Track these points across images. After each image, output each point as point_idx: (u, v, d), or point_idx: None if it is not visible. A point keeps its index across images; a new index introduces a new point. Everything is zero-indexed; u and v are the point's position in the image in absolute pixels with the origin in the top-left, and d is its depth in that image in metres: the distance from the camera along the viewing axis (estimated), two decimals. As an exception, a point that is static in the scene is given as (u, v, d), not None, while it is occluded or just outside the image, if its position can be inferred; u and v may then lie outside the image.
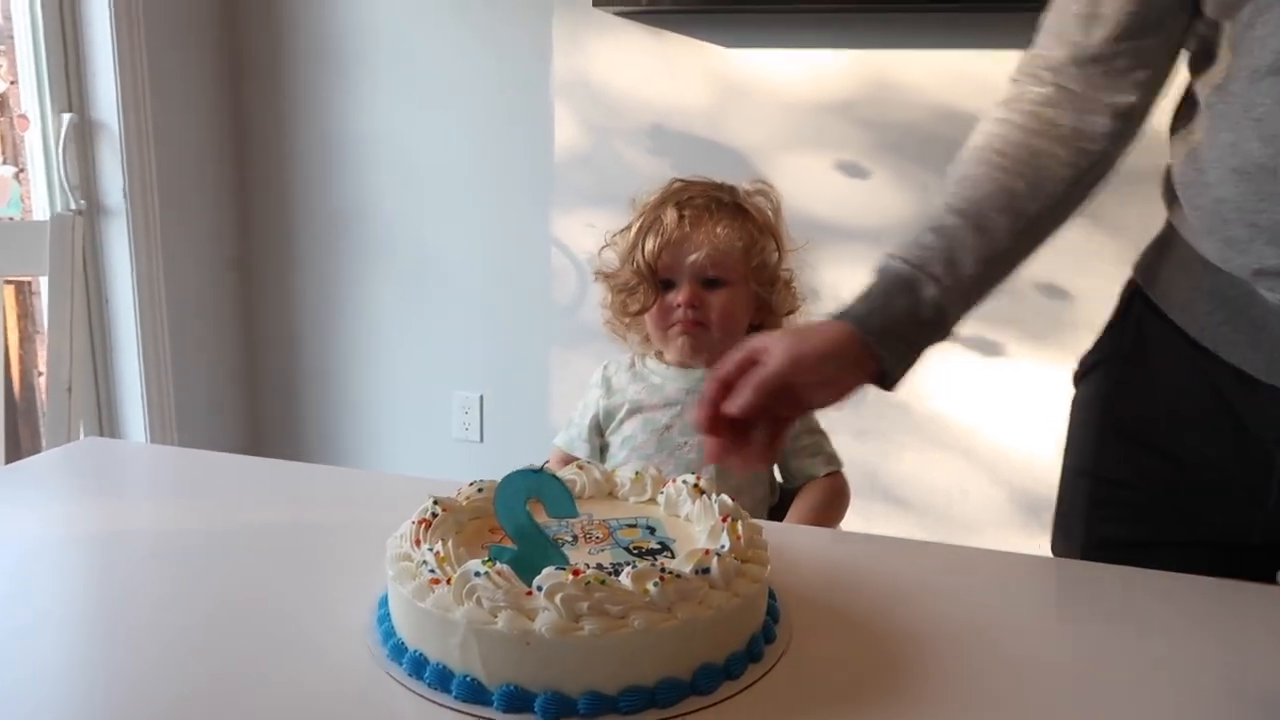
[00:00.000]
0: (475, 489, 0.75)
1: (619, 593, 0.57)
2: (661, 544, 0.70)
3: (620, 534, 0.71)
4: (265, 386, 2.64)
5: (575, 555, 0.66)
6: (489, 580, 0.57)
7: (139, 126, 2.21)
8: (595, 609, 0.56)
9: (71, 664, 0.64)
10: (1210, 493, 0.83)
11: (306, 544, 0.81)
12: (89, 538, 0.82)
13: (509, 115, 2.29)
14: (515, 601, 0.57)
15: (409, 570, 0.63)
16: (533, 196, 2.30)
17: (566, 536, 0.70)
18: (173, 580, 0.75)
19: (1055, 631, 0.70)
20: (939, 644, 0.66)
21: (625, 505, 0.77)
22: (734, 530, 0.66)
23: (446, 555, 0.62)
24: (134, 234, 2.24)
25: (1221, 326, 0.80)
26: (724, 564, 0.61)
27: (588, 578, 0.57)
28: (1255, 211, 0.73)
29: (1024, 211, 0.81)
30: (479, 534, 0.71)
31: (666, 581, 0.58)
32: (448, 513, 0.70)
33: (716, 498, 0.71)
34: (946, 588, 0.76)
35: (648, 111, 2.17)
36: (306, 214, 2.50)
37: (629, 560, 0.66)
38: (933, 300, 0.79)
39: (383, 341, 2.51)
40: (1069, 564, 0.84)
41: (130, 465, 1.10)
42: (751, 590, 0.62)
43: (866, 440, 2.08)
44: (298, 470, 1.06)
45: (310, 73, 2.41)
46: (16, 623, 0.67)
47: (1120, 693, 0.61)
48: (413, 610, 0.60)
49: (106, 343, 2.31)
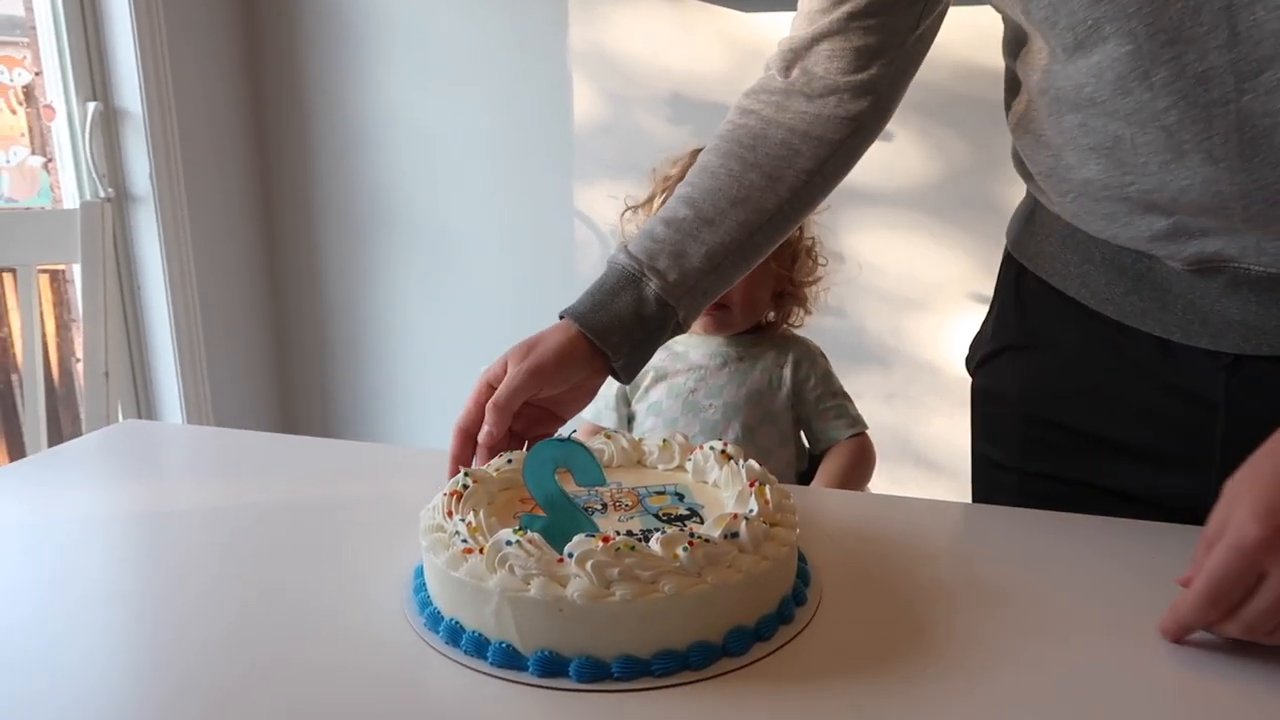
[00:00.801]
0: (505, 460, 0.75)
1: (649, 558, 0.58)
2: (690, 510, 0.70)
3: (649, 501, 0.72)
4: (296, 366, 2.67)
5: (605, 523, 0.67)
6: (521, 549, 0.58)
7: (163, 112, 2.23)
8: (626, 575, 0.57)
9: (122, 643, 0.66)
10: (1150, 472, 0.79)
11: (344, 519, 0.83)
12: (132, 517, 0.84)
13: (527, 87, 2.28)
14: (547, 569, 0.58)
15: (442, 541, 0.64)
16: (554, 169, 2.30)
17: (596, 505, 0.70)
18: (217, 557, 0.77)
19: (1091, 589, 0.70)
20: (967, 604, 0.66)
21: (653, 473, 0.77)
22: (761, 494, 0.66)
23: (479, 525, 0.63)
24: (162, 219, 2.26)
25: (1127, 296, 0.77)
26: (752, 528, 0.62)
27: (618, 544, 0.58)
28: (1124, 185, 0.71)
29: (759, 204, 0.80)
30: (510, 504, 0.71)
31: (696, 546, 0.58)
32: (478, 484, 0.70)
33: (744, 463, 0.71)
34: (973, 548, 0.76)
35: (666, 79, 2.16)
36: (330, 192, 2.51)
37: (658, 527, 0.66)
38: (655, 296, 0.78)
39: (410, 318, 2.53)
40: (1099, 522, 0.84)
41: (169, 446, 1.12)
42: (780, 553, 0.63)
43: (896, 404, 2.07)
44: (332, 447, 1.08)
45: (328, 51, 2.42)
46: (66, 602, 0.69)
47: (1160, 650, 0.61)
48: (447, 580, 0.61)
49: (140, 328, 2.35)
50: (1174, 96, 0.64)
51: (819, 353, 1.28)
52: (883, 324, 2.06)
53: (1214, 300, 0.72)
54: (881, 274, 2.00)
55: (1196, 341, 0.74)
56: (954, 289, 2.01)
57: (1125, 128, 0.68)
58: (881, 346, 2.07)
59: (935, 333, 2.03)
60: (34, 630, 0.64)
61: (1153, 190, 0.69)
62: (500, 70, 2.30)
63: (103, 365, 1.44)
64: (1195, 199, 0.67)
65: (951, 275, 1.99)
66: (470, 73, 2.32)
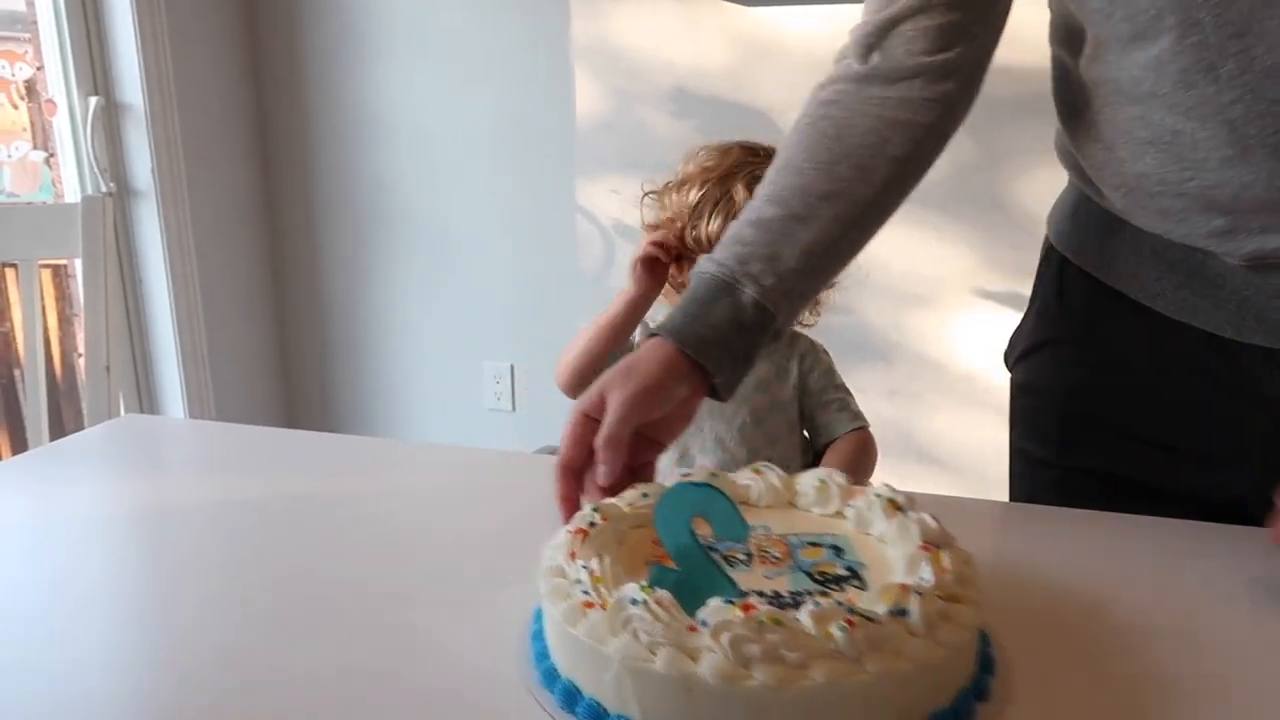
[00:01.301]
0: (640, 494, 0.67)
1: (797, 636, 0.49)
2: (850, 569, 0.60)
3: (801, 554, 0.62)
4: (298, 361, 2.67)
5: (748, 579, 0.58)
6: (647, 610, 0.50)
7: (164, 107, 2.23)
8: (769, 654, 0.48)
9: (126, 639, 0.65)
10: (1196, 470, 0.77)
11: (347, 514, 0.82)
12: (133, 512, 0.84)
13: (529, 82, 2.28)
14: (676, 638, 0.50)
15: (562, 589, 0.56)
16: (556, 163, 2.29)
17: (740, 554, 0.61)
18: (219, 554, 0.76)
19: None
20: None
21: (807, 517, 0.68)
22: (938, 561, 0.55)
23: (602, 575, 0.55)
24: (164, 214, 2.26)
25: (1179, 291, 0.75)
26: (926, 604, 0.51)
27: (761, 616, 0.49)
28: (1181, 181, 0.68)
29: (852, 197, 0.75)
30: (642, 547, 0.62)
31: (855, 626, 0.49)
32: (607, 522, 0.62)
33: (917, 516, 0.61)
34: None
35: (669, 74, 2.15)
36: (332, 187, 2.51)
37: (810, 588, 0.57)
38: (753, 303, 0.72)
39: (412, 314, 2.52)
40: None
41: (170, 441, 1.12)
42: (960, 639, 0.52)
43: (898, 400, 2.07)
44: (334, 442, 1.08)
45: (330, 46, 2.41)
46: (66, 599, 0.69)
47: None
48: (564, 635, 0.54)
49: (142, 322, 2.35)
50: (1240, 90, 0.62)
51: (822, 349, 1.28)
52: (886, 320, 2.06)
53: (1270, 297, 0.71)
54: (885, 270, 1.99)
55: (1250, 338, 0.72)
56: (958, 285, 2.00)
57: (1185, 122, 0.66)
58: (885, 342, 2.06)
59: (938, 329, 2.03)
60: (34, 627, 0.64)
61: (1213, 186, 0.67)
62: (502, 65, 2.29)
63: (104, 359, 1.44)
64: (1258, 195, 0.65)
65: (955, 271, 1.98)
66: (472, 67, 2.32)
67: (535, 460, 1.04)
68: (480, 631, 0.62)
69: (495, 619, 0.63)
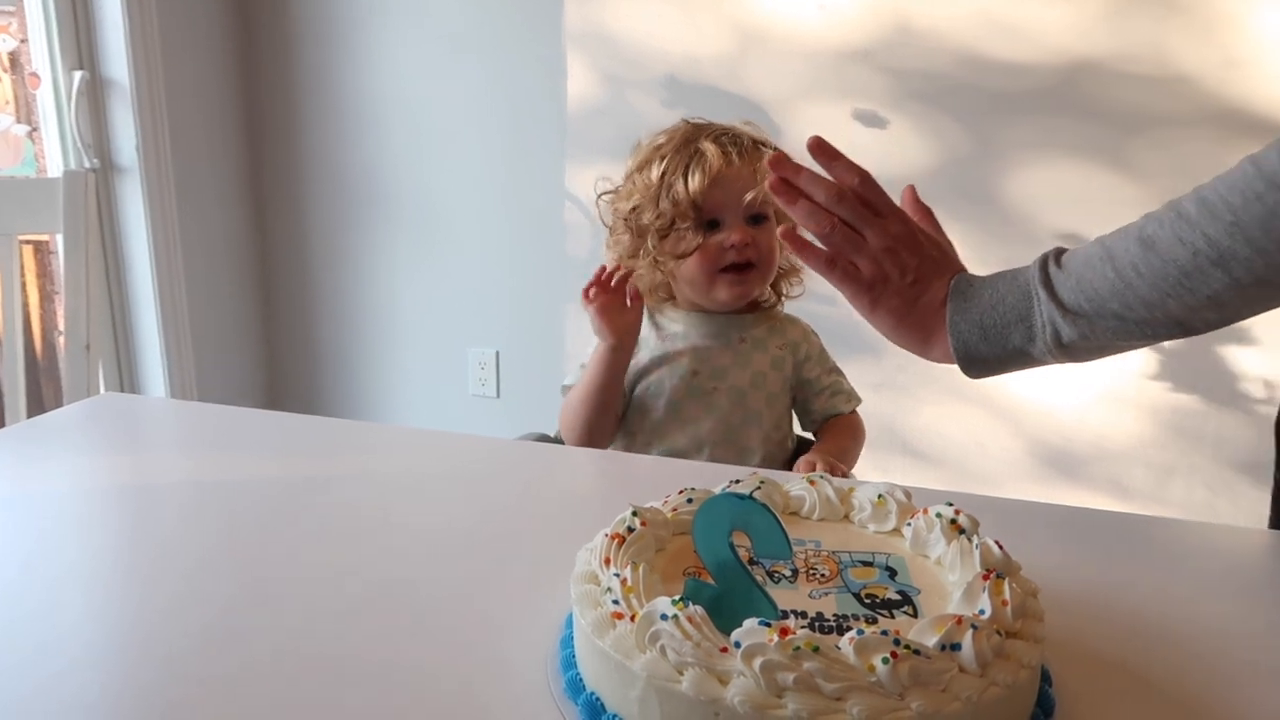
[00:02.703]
0: (685, 498, 0.63)
1: (836, 665, 0.45)
2: (902, 594, 0.56)
3: (851, 574, 0.58)
4: (282, 344, 2.65)
5: (792, 597, 0.55)
6: (678, 627, 0.47)
7: (150, 83, 2.20)
8: (804, 683, 0.45)
9: (102, 619, 0.64)
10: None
11: (328, 498, 0.81)
12: (110, 491, 0.83)
13: (521, 66, 2.26)
14: (706, 659, 0.47)
15: (592, 596, 0.53)
16: (546, 150, 2.28)
17: (785, 569, 0.58)
18: (196, 535, 0.75)
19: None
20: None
21: (862, 535, 0.63)
22: (999, 591, 0.51)
23: (635, 584, 0.52)
24: (148, 191, 2.23)
25: None
26: (981, 639, 0.47)
27: (798, 641, 0.45)
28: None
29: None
30: (682, 556, 0.58)
31: (900, 659, 0.45)
32: (646, 527, 0.58)
33: (978, 540, 0.57)
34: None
35: (662, 61, 2.14)
36: (320, 168, 2.49)
37: (858, 611, 0.54)
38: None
39: (398, 297, 2.51)
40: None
41: (150, 420, 1.11)
42: (1018, 678, 0.47)
43: (884, 393, 2.07)
44: (317, 424, 1.07)
45: (321, 24, 2.39)
46: (41, 577, 0.68)
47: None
48: (591, 646, 0.51)
49: (124, 300, 2.32)
50: None
51: (811, 330, 1.26)
52: (874, 313, 2.05)
53: None
54: (874, 263, 1.99)
55: None
56: (946, 279, 2.00)
57: None
58: (872, 335, 2.05)
59: (926, 323, 2.02)
60: (8, 606, 0.63)
61: None
62: (495, 49, 2.27)
63: (84, 337, 1.42)
64: None
65: (944, 265, 1.98)
66: (465, 51, 2.30)
67: (519, 447, 1.03)
68: (476, 623, 0.61)
69: (490, 611, 0.62)
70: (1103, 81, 1.84)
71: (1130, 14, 1.82)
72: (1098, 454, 2.01)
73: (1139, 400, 1.96)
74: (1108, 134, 1.85)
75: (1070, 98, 1.87)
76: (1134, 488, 1.99)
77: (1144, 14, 1.81)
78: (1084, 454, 2.02)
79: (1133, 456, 1.99)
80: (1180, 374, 1.93)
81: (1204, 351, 1.90)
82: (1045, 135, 1.90)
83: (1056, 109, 1.88)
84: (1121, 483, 2.00)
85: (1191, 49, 1.80)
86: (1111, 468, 2.01)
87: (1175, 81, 1.81)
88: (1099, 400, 1.98)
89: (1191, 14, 1.78)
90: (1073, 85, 1.86)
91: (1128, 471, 2.00)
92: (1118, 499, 2.00)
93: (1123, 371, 1.95)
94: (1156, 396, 1.95)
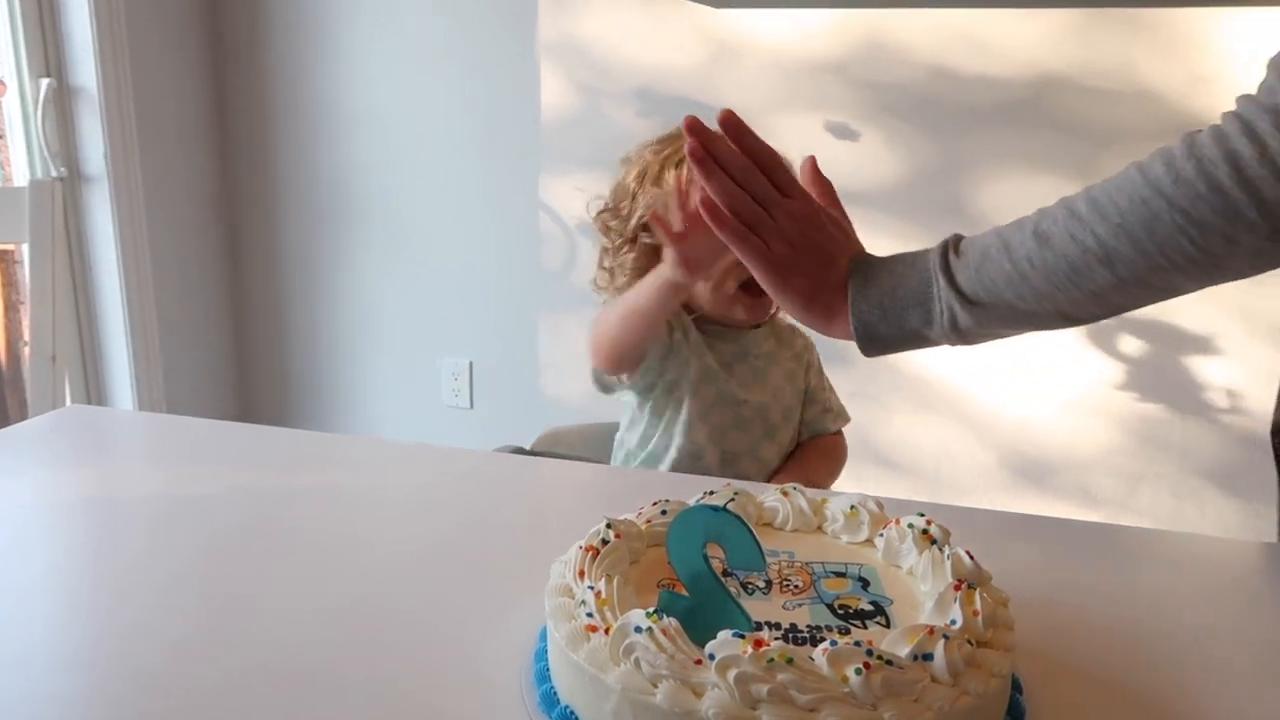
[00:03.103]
0: (659, 510, 0.63)
1: (810, 677, 0.46)
2: (875, 604, 0.57)
3: (824, 585, 0.59)
4: (253, 354, 2.62)
5: (765, 608, 0.55)
6: (652, 639, 0.48)
7: (119, 91, 2.17)
8: (777, 695, 0.45)
9: (71, 632, 0.63)
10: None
11: (298, 511, 0.80)
12: (75, 506, 0.81)
13: (494, 76, 2.26)
14: (680, 671, 0.47)
15: (566, 609, 0.53)
16: (519, 160, 2.28)
17: (759, 580, 0.58)
18: (163, 551, 0.74)
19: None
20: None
21: (835, 545, 0.64)
22: (970, 601, 0.52)
23: (609, 597, 0.52)
24: (116, 200, 2.20)
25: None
26: (953, 649, 0.48)
27: (772, 653, 0.46)
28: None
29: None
30: (656, 568, 0.58)
31: (873, 670, 0.45)
32: (621, 539, 0.58)
33: (950, 550, 0.57)
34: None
35: (636, 73, 2.14)
36: (291, 178, 2.47)
37: (831, 622, 0.54)
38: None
39: (371, 308, 2.49)
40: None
41: (117, 432, 1.09)
42: (989, 687, 0.48)
43: (857, 403, 2.07)
44: (288, 436, 1.06)
45: (294, 33, 2.37)
46: (7, 592, 0.66)
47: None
48: (566, 659, 0.51)
49: (91, 311, 2.29)
50: None
51: (811, 341, 1.25)
52: (847, 324, 2.06)
53: None
54: (846, 274, 2.00)
55: None
56: (918, 290, 2.02)
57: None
58: (844, 344, 2.07)
59: (898, 333, 2.04)
60: (-33, 622, 0.62)
61: None
62: (468, 58, 2.27)
63: (50, 348, 1.40)
64: None
65: (915, 276, 2.00)
66: (438, 60, 2.29)
67: (493, 458, 1.03)
68: (450, 637, 0.60)
69: (464, 625, 0.62)
70: (1071, 96, 1.87)
71: (1097, 30, 1.85)
72: (1067, 463, 2.03)
73: (1107, 410, 1.99)
74: (1076, 147, 1.88)
75: (1039, 111, 1.89)
76: (1102, 496, 2.02)
77: (1110, 30, 1.84)
78: (1053, 463, 2.04)
79: (1101, 465, 2.01)
80: (1147, 384, 1.96)
81: (1170, 362, 1.93)
82: (1015, 148, 1.92)
83: (1026, 122, 1.90)
84: (1090, 491, 2.02)
85: (1157, 65, 1.83)
86: (1080, 476, 2.03)
87: (1142, 96, 1.84)
88: (1068, 410, 2.01)
89: (1156, 31, 1.81)
90: (1042, 99, 1.89)
91: (1096, 480, 2.02)
92: (1086, 507, 2.02)
93: (1091, 381, 1.98)
94: (1124, 406, 1.98)
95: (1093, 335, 1.95)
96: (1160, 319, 1.91)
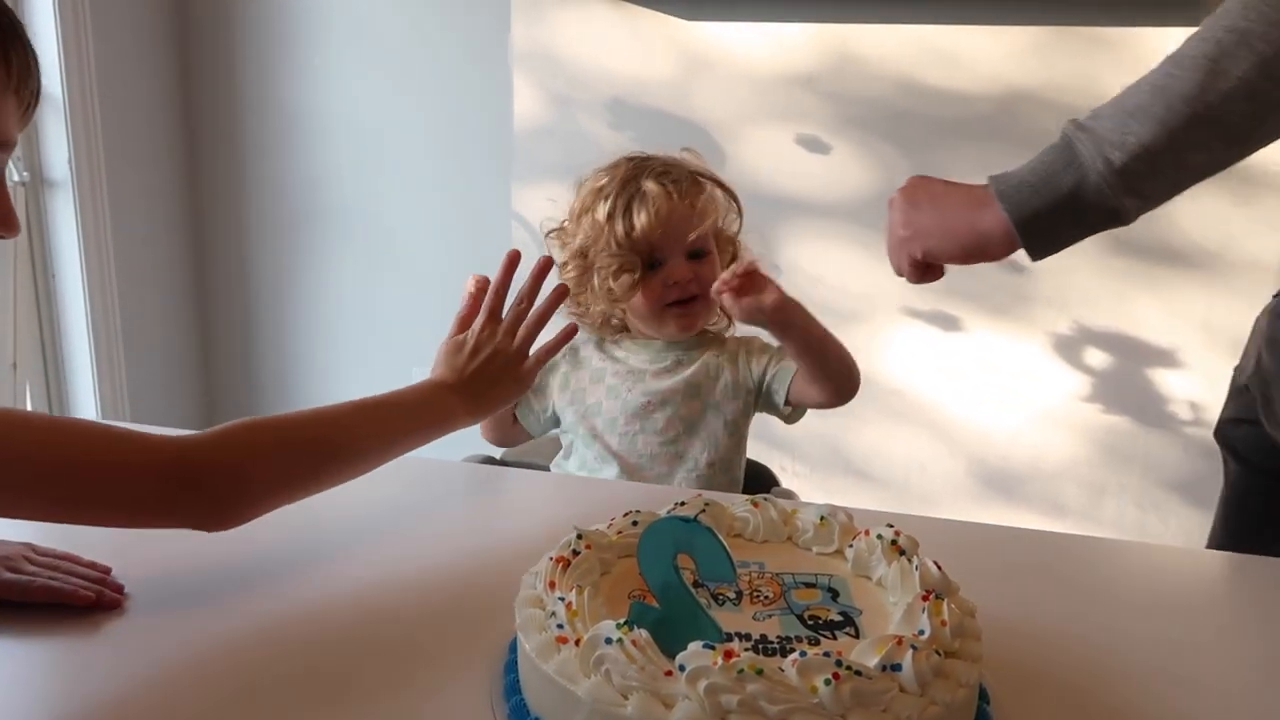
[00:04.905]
0: (630, 521, 0.63)
1: (779, 688, 0.46)
2: (845, 615, 0.57)
3: (794, 595, 0.59)
4: (219, 364, 2.59)
5: (735, 619, 0.55)
6: (622, 651, 0.48)
7: (84, 96, 2.15)
8: (747, 706, 0.45)
9: (32, 649, 0.62)
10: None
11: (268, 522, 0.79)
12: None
13: (467, 86, 2.25)
14: (651, 682, 0.47)
15: (536, 621, 0.53)
16: (492, 170, 2.27)
17: (729, 591, 0.58)
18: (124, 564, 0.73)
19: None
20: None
21: (805, 556, 0.64)
22: (937, 612, 0.52)
23: (579, 608, 0.52)
24: (81, 206, 2.17)
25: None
26: (921, 659, 0.48)
27: (742, 663, 0.46)
28: None
29: None
30: (627, 580, 0.58)
31: (842, 681, 0.46)
32: (591, 550, 0.58)
33: (918, 562, 0.58)
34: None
35: (609, 84, 2.15)
36: (259, 186, 2.45)
37: (801, 633, 0.55)
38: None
39: (340, 317, 2.47)
40: None
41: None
42: (956, 697, 0.49)
43: (828, 414, 2.09)
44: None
45: (264, 41, 2.35)
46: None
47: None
48: (535, 671, 0.51)
49: (54, 318, 2.25)
50: None
51: (757, 339, 1.26)
52: (817, 335, 2.08)
53: None
54: (818, 285, 2.01)
55: None
56: (886, 302, 2.03)
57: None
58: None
59: (868, 343, 2.05)
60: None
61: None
62: (441, 67, 2.26)
63: (11, 356, 1.37)
64: None
65: (885, 289, 2.01)
66: (409, 68, 2.28)
67: (464, 469, 1.02)
68: (419, 648, 0.60)
69: (434, 636, 0.61)
70: (1037, 110, 1.90)
71: (1062, 47, 1.88)
72: (1033, 473, 2.05)
73: (1072, 421, 2.01)
74: (1041, 162, 1.91)
75: (1006, 125, 1.92)
76: (1068, 506, 2.04)
77: (1075, 48, 1.87)
78: (1021, 473, 2.06)
79: (1067, 476, 2.04)
80: (1111, 396, 1.99)
81: (1134, 374, 1.96)
82: (983, 161, 1.93)
83: (993, 136, 1.93)
84: (1056, 501, 2.05)
85: (1120, 81, 1.85)
86: (1047, 487, 2.05)
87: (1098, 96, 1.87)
88: (1034, 421, 2.03)
89: (1120, 49, 1.84)
90: (1008, 113, 1.92)
91: (1062, 490, 2.04)
92: (1053, 517, 2.04)
93: (1057, 393, 2.00)
94: (1089, 417, 2.00)
95: (1060, 348, 1.98)
96: (1124, 332, 1.94)
